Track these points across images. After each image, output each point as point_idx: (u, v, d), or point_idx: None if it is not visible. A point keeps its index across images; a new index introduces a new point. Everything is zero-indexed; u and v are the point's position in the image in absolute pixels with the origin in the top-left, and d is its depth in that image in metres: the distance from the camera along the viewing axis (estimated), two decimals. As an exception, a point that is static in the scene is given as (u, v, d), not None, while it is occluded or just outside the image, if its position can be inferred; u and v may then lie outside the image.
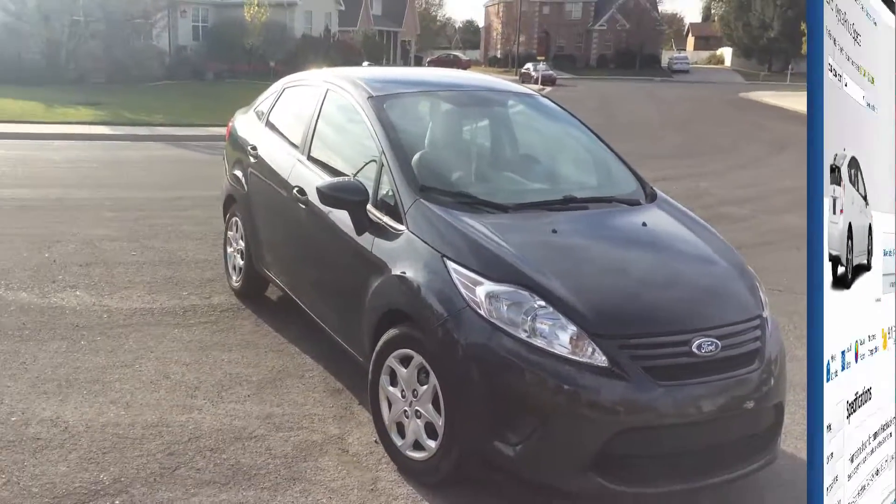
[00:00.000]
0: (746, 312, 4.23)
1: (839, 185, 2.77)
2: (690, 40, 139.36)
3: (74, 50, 34.27)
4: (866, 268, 3.02)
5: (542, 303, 3.93)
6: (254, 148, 6.76)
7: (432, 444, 4.19)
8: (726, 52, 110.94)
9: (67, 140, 18.61)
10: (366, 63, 41.86)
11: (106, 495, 4.17)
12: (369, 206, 4.84)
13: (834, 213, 2.74)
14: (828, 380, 2.69)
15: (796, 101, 43.43)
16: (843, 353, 2.81)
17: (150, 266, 8.28)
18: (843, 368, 2.81)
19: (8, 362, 5.71)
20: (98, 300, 7.15)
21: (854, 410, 2.91)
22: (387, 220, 4.72)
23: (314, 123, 5.95)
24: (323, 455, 4.71)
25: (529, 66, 68.48)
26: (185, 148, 18.61)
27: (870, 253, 3.05)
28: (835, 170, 2.74)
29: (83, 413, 5.03)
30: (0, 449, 4.52)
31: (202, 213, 10.89)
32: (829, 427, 2.70)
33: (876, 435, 3.10)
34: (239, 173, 7.03)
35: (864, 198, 2.99)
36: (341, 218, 5.01)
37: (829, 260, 2.71)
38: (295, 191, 5.72)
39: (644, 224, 4.82)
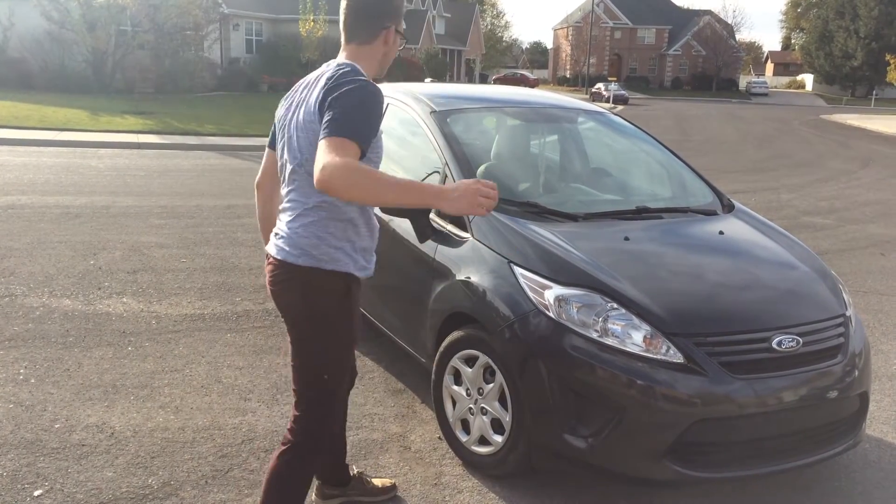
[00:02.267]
0: (829, 311, 4.57)
1: None
2: (770, 66, 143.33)
3: (121, 60, 35.20)
4: None
5: (614, 304, 4.21)
6: None
7: (499, 438, 4.48)
8: (807, 78, 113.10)
9: (113, 148, 19.11)
10: (428, 79, 42.39)
11: (155, 499, 4.27)
12: (432, 215, 5.14)
13: None
14: None
15: (881, 124, 43.81)
16: None
17: (200, 272, 8.44)
18: None
19: (51, 370, 5.86)
20: (146, 306, 7.32)
21: None
22: (450, 228, 5.06)
23: None
24: (384, 452, 4.88)
25: (601, 85, 71.33)
26: (238, 157, 18.92)
27: None
28: None
29: (130, 418, 5.15)
30: (43, 456, 4.65)
31: (256, 221, 11.06)
32: None
33: None
34: None
35: None
36: (402, 226, 5.36)
37: None
38: None
39: (721, 232, 5.16)
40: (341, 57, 3.46)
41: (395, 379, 5.97)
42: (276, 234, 3.48)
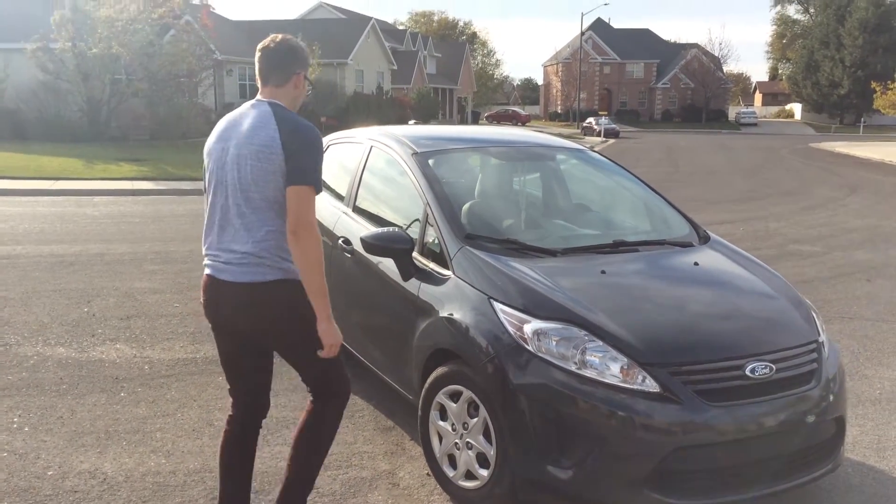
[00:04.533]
0: (801, 338, 4.66)
1: None
2: (758, 97, 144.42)
3: (116, 108, 35.38)
4: None
5: (591, 337, 4.29)
6: None
7: (484, 472, 4.51)
8: (796, 107, 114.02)
9: (108, 196, 19.23)
10: (412, 121, 42.70)
11: (146, 543, 4.28)
12: (415, 254, 5.24)
13: None
14: None
15: (869, 150, 44.08)
16: None
17: (193, 317, 8.47)
18: None
19: (45, 417, 5.89)
20: (139, 352, 7.36)
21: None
22: (433, 266, 5.13)
23: (359, 178, 6.40)
24: (373, 490, 4.91)
25: (591, 119, 72.05)
26: (232, 200, 18.85)
27: None
28: None
29: (122, 463, 5.18)
30: (36, 503, 4.66)
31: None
32: None
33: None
34: None
35: None
36: (387, 265, 5.41)
37: None
38: (340, 241, 6.14)
39: (696, 264, 5.25)
40: (263, 95, 4.02)
41: (385, 417, 6.00)
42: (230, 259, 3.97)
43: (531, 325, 4.35)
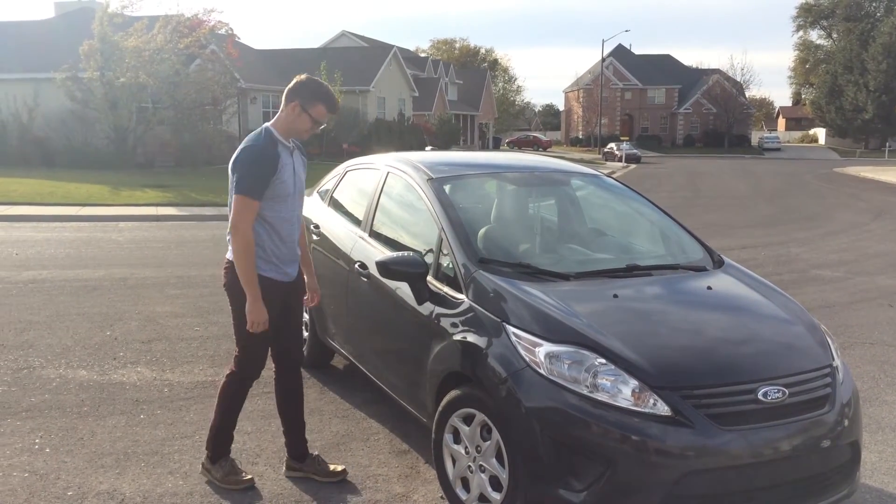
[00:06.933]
0: (815, 362, 4.63)
1: None
2: (781, 122, 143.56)
3: (142, 135, 35.72)
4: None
5: (603, 360, 4.28)
6: (316, 226, 7.27)
7: (497, 496, 4.48)
8: (820, 132, 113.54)
9: (133, 221, 19.39)
10: (429, 147, 42.85)
11: (162, 563, 4.30)
12: (429, 278, 5.28)
13: None
14: None
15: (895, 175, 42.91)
16: None
17: (213, 340, 8.52)
18: None
19: (65, 439, 5.94)
20: (159, 375, 7.41)
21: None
22: (447, 290, 5.16)
23: (376, 203, 6.47)
24: (386, 513, 4.87)
25: (613, 145, 72.56)
26: (255, 225, 18.95)
27: None
28: None
29: (140, 485, 5.22)
30: (56, 524, 4.69)
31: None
32: None
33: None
34: None
35: None
36: (402, 290, 5.44)
37: None
38: (357, 265, 6.21)
39: (709, 288, 5.22)
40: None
41: (400, 440, 6.01)
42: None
43: (543, 349, 4.35)
